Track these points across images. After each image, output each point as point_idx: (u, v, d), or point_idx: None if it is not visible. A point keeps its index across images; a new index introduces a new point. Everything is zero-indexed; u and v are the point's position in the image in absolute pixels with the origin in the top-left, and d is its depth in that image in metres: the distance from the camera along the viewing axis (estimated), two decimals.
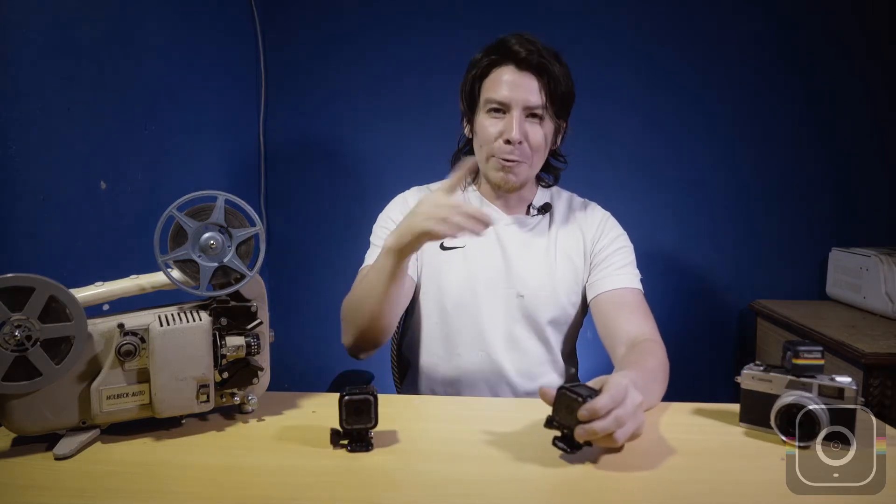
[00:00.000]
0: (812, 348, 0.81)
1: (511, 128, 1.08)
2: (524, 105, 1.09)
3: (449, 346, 1.18)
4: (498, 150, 1.11)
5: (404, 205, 1.22)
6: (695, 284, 2.07)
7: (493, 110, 1.11)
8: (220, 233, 0.82)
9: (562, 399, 0.74)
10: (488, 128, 1.11)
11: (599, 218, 1.23)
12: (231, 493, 0.68)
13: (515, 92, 1.09)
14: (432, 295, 1.20)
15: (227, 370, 0.85)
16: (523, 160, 1.12)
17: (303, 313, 2.12)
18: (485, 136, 1.12)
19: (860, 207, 2.00)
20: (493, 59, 1.11)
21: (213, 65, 1.78)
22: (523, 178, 1.14)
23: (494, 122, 1.11)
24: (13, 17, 1.06)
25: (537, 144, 1.12)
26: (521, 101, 1.09)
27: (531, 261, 1.18)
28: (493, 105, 1.11)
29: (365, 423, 0.78)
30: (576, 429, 0.72)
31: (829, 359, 1.37)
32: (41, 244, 1.13)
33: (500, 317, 1.17)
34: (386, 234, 1.18)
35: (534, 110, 1.10)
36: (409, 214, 0.95)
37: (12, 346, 0.72)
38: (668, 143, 2.02)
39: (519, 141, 1.09)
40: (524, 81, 1.09)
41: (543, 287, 1.17)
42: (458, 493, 0.69)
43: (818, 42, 1.97)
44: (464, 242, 1.19)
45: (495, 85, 1.11)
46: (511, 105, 1.09)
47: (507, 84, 1.09)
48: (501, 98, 1.09)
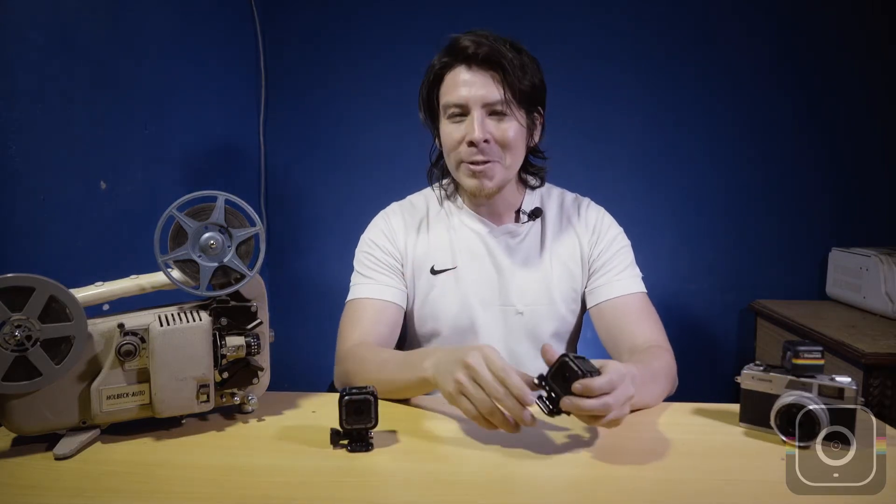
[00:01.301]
0: (812, 348, 0.81)
1: (472, 128, 1.02)
2: (482, 102, 1.02)
3: None
4: (465, 154, 1.05)
5: (387, 225, 1.17)
6: (695, 284, 2.07)
7: (454, 115, 1.05)
8: (220, 233, 0.82)
9: (562, 366, 0.75)
10: (451, 133, 1.05)
11: (594, 219, 1.17)
12: (231, 493, 0.68)
13: (471, 90, 1.02)
14: (427, 321, 1.15)
15: (227, 370, 0.85)
16: (494, 159, 1.04)
17: (303, 313, 2.12)
18: (449, 143, 1.06)
19: (860, 207, 2.00)
20: (445, 61, 1.05)
21: (213, 65, 1.78)
22: (498, 180, 1.06)
23: (457, 126, 1.05)
24: (13, 17, 1.06)
25: (506, 141, 1.04)
26: (479, 98, 1.02)
27: (526, 274, 1.13)
28: (451, 109, 1.05)
29: (365, 423, 0.78)
30: (564, 398, 0.73)
31: (829, 359, 1.37)
32: (41, 244, 1.13)
33: (500, 336, 1.13)
34: (372, 262, 1.13)
35: (494, 107, 1.03)
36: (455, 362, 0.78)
37: (12, 346, 0.72)
38: (668, 143, 2.02)
39: (484, 140, 1.02)
40: (478, 79, 1.02)
41: (542, 301, 1.13)
42: (458, 493, 0.69)
43: (818, 42, 1.97)
44: (454, 263, 1.14)
45: (450, 88, 1.05)
46: (469, 105, 1.02)
47: (462, 84, 1.03)
48: (458, 100, 1.03)
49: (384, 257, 1.14)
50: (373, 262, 1.14)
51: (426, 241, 1.16)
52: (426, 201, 1.21)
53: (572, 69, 1.95)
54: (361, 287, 1.13)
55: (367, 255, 1.15)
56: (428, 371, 0.85)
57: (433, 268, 1.15)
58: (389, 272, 1.14)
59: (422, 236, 1.17)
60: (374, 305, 1.10)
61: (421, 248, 1.16)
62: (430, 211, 1.20)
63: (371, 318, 1.09)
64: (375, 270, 1.13)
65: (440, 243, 1.16)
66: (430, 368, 0.85)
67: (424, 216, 1.19)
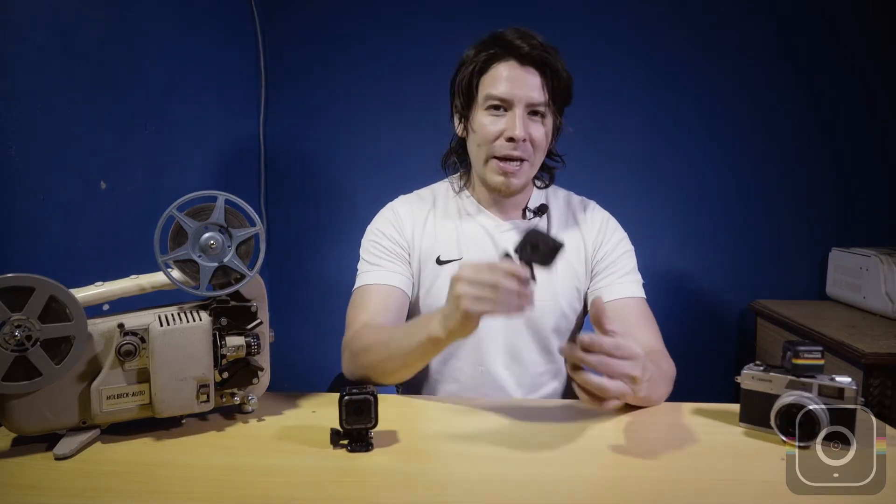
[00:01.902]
0: (812, 348, 0.81)
1: (514, 125, 1.03)
2: (527, 102, 1.04)
3: (447, 363, 1.15)
4: (499, 148, 1.06)
5: (394, 215, 1.18)
6: (695, 284, 2.06)
7: (493, 107, 1.06)
8: (220, 233, 0.82)
9: (530, 236, 0.79)
10: (488, 126, 1.06)
11: (600, 221, 1.18)
12: (231, 493, 0.68)
13: (518, 88, 1.04)
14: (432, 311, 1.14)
15: (227, 370, 0.85)
16: (526, 158, 1.07)
17: (303, 313, 2.12)
18: (484, 136, 1.07)
19: (860, 207, 2.00)
20: (493, 53, 1.06)
21: (213, 65, 1.78)
22: (524, 179, 1.10)
23: (494, 119, 1.06)
24: (13, 17, 1.06)
25: (539, 143, 1.07)
26: (525, 97, 1.04)
27: None
28: (493, 102, 1.06)
29: (365, 423, 0.78)
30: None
31: (829, 359, 1.37)
32: (41, 244, 1.13)
33: (501, 330, 1.13)
34: (379, 250, 1.14)
35: (536, 107, 1.05)
36: (450, 298, 0.83)
37: (12, 346, 0.72)
38: (667, 143, 2.02)
39: (523, 139, 1.04)
40: (526, 77, 1.04)
41: (545, 296, 1.13)
42: (458, 493, 0.69)
43: (818, 42, 1.97)
44: (460, 254, 1.15)
45: (495, 81, 1.05)
46: (513, 101, 1.04)
47: (509, 80, 1.04)
48: (503, 94, 1.04)
49: (391, 246, 1.15)
50: (380, 251, 1.15)
51: (433, 232, 1.17)
52: (433, 194, 1.23)
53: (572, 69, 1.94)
54: (368, 274, 1.13)
55: (374, 243, 1.16)
56: (434, 324, 0.87)
57: (439, 258, 1.16)
58: (396, 260, 1.15)
59: (429, 227, 1.18)
60: (381, 291, 1.11)
61: (428, 238, 1.17)
62: (437, 203, 1.21)
63: (378, 303, 1.09)
64: (382, 258, 1.14)
65: (447, 235, 1.17)
66: (434, 321, 0.87)
67: (431, 208, 1.20)
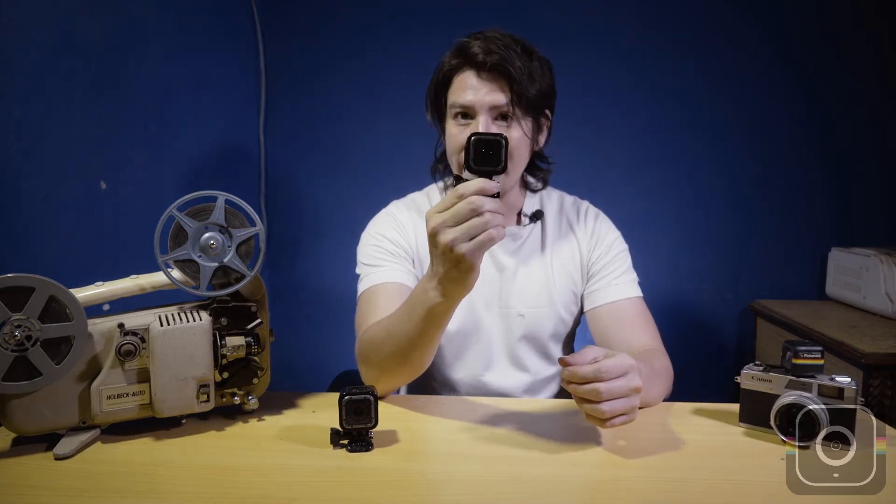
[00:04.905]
0: (812, 348, 0.81)
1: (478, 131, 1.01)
2: (489, 106, 1.02)
3: (448, 371, 1.15)
4: None
5: (394, 220, 1.16)
6: (695, 285, 2.07)
7: (460, 115, 1.05)
8: (220, 233, 0.82)
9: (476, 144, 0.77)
10: (456, 135, 1.05)
11: (593, 222, 1.18)
12: (231, 493, 0.68)
13: (478, 94, 1.02)
14: None
15: (227, 370, 0.85)
16: None
17: (303, 313, 2.12)
18: (454, 145, 1.06)
19: (860, 207, 2.00)
20: (455, 64, 1.05)
21: (213, 65, 1.78)
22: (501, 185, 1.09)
23: (462, 128, 1.04)
24: (13, 17, 1.06)
25: (512, 147, 1.02)
26: (486, 103, 1.02)
27: (528, 276, 1.14)
28: (457, 110, 1.05)
29: (365, 423, 0.78)
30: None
31: (829, 359, 1.37)
32: (41, 244, 1.13)
33: (501, 338, 1.13)
34: (380, 252, 1.12)
35: (501, 110, 1.03)
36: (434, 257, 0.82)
37: (12, 346, 0.72)
38: (668, 144, 2.02)
39: None
40: (486, 84, 1.02)
41: (542, 303, 1.13)
42: (458, 493, 0.69)
43: (818, 42, 1.97)
44: None
45: (458, 90, 1.04)
46: (476, 108, 1.02)
47: (470, 87, 1.03)
48: (465, 102, 1.03)
49: (394, 248, 1.13)
50: (382, 253, 1.12)
51: None
52: (428, 199, 1.21)
53: (572, 69, 1.93)
54: (372, 276, 1.10)
55: (375, 247, 1.13)
56: (430, 293, 0.83)
57: None
58: (400, 261, 1.12)
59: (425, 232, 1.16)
60: (389, 288, 1.08)
61: (425, 244, 1.15)
62: None
63: (387, 302, 1.05)
64: (385, 259, 1.12)
65: None
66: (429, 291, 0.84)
67: None
